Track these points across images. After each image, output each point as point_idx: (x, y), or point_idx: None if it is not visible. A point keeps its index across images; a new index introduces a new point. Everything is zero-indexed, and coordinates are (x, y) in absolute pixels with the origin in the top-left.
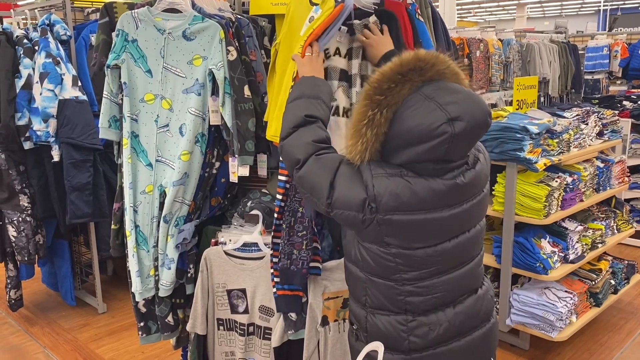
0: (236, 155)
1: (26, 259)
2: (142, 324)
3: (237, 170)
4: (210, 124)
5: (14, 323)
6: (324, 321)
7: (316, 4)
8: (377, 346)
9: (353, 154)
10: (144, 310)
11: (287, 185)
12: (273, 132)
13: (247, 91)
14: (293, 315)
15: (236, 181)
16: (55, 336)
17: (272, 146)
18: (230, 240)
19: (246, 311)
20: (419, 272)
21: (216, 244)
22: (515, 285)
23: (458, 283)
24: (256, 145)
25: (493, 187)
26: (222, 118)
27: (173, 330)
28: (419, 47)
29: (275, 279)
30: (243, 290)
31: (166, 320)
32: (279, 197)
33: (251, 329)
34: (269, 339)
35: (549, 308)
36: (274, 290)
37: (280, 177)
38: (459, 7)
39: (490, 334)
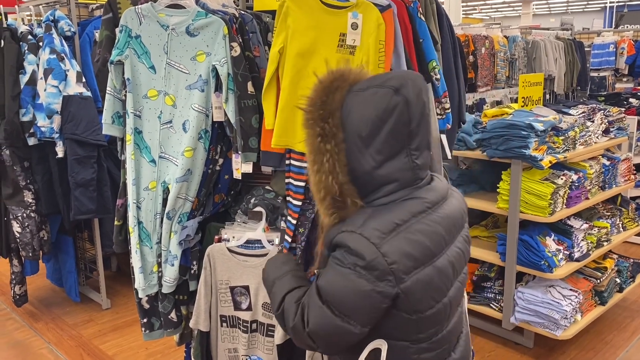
0: (239, 152)
1: (30, 254)
2: (145, 320)
3: (241, 167)
4: (214, 120)
5: (19, 319)
6: None
7: (339, 7)
8: (380, 344)
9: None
10: (147, 306)
11: (305, 190)
12: (276, 141)
13: (250, 87)
14: None
15: (240, 178)
16: (60, 332)
17: None
18: (233, 237)
19: (249, 308)
20: (430, 330)
21: (219, 240)
22: (520, 283)
23: (455, 327)
24: (260, 141)
25: (498, 185)
26: (226, 114)
27: (176, 327)
28: (420, 47)
29: None
30: (246, 287)
31: (169, 316)
32: (297, 202)
33: (254, 325)
34: (272, 336)
35: (554, 306)
36: None
37: (296, 183)
38: (464, 4)
39: None
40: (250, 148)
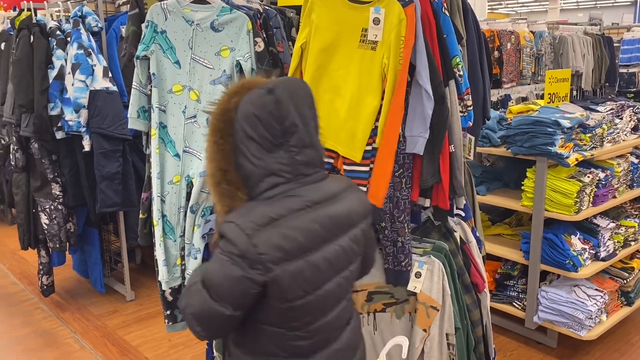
0: None
1: (57, 246)
2: (168, 312)
3: None
4: None
5: (46, 308)
6: None
7: (362, 1)
8: (402, 341)
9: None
10: (170, 298)
11: None
12: None
13: None
14: None
15: None
16: (85, 322)
17: None
18: None
19: None
20: (304, 319)
21: None
22: (544, 282)
23: (338, 319)
24: None
25: (522, 182)
26: None
27: None
28: (444, 42)
29: None
30: None
31: None
32: None
33: None
34: None
35: (579, 306)
36: None
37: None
38: None
39: (363, 358)
40: None
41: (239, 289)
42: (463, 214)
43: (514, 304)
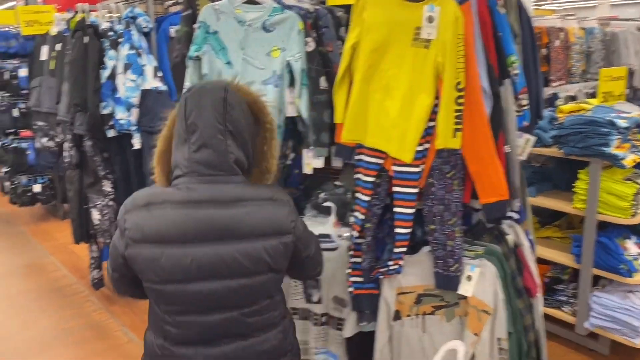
0: (311, 147)
1: (108, 241)
2: None
3: (312, 161)
4: (287, 115)
5: (96, 301)
6: (397, 315)
7: (414, 0)
8: (457, 345)
9: None
10: None
11: (373, 186)
12: (346, 136)
13: (323, 83)
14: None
15: (311, 172)
16: (133, 316)
17: None
18: None
19: (320, 301)
20: (172, 307)
21: None
22: (596, 287)
23: (218, 327)
24: (331, 136)
25: (574, 184)
26: (298, 110)
27: None
28: (499, 40)
29: (354, 279)
30: (317, 280)
31: None
32: (365, 197)
33: (324, 319)
34: (341, 329)
35: (633, 313)
36: (351, 289)
37: (364, 178)
38: None
39: None
40: (322, 143)
41: (113, 252)
42: (517, 216)
43: (564, 308)
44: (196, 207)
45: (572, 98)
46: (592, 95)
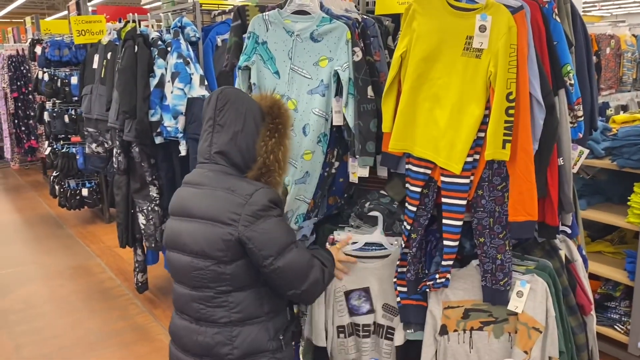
0: (357, 156)
1: (153, 245)
2: None
3: (357, 170)
4: (333, 124)
5: (140, 304)
6: (443, 330)
7: (467, 9)
8: None
9: None
10: None
11: (420, 196)
12: (394, 145)
13: (370, 92)
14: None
15: (356, 181)
16: None
17: None
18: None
19: (371, 311)
20: (172, 271)
21: (332, 242)
22: None
23: (185, 299)
24: (377, 146)
25: (628, 197)
26: (345, 118)
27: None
28: (553, 50)
29: (400, 288)
30: (366, 290)
31: None
32: (412, 207)
33: (373, 328)
34: (391, 339)
35: None
36: (398, 299)
37: (412, 188)
38: (584, 1)
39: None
40: (368, 152)
41: None
42: (569, 231)
43: (616, 327)
44: (188, 187)
45: (624, 107)
46: None
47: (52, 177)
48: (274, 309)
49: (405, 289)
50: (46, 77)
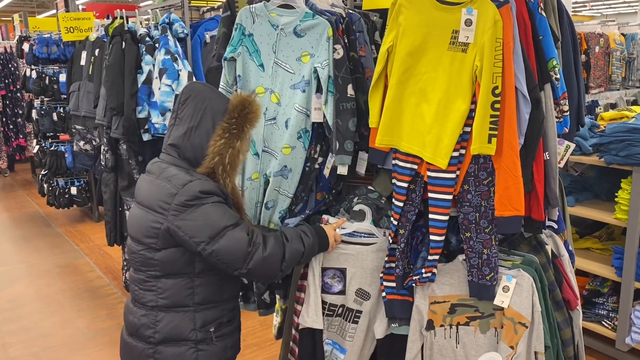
0: (334, 154)
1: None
2: (241, 293)
3: (338, 168)
4: (312, 121)
5: None
6: (430, 325)
7: (456, 3)
8: (495, 357)
9: None
10: (246, 281)
11: (407, 191)
12: (380, 140)
13: (350, 90)
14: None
15: (344, 173)
16: None
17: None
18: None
19: (341, 292)
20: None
21: (326, 222)
22: (638, 301)
23: (131, 280)
24: (357, 143)
25: (615, 194)
26: (324, 116)
27: (268, 308)
28: (539, 44)
29: (387, 283)
30: (342, 271)
31: (262, 297)
32: (399, 203)
33: (340, 310)
34: (357, 322)
35: None
36: (384, 294)
37: (398, 183)
38: (574, 0)
39: (139, 355)
40: (346, 151)
41: None
42: (555, 226)
43: (604, 323)
44: (146, 175)
45: (613, 105)
46: (634, 103)
47: (40, 176)
48: (207, 301)
49: (393, 284)
50: (34, 75)
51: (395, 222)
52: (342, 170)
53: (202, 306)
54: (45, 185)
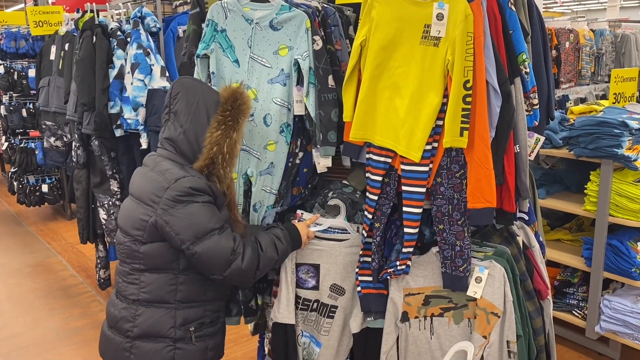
0: (318, 146)
1: (115, 240)
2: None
3: (320, 160)
4: (295, 114)
5: (102, 301)
6: (404, 317)
7: None
8: (467, 346)
9: None
10: (227, 292)
11: (381, 185)
12: (354, 134)
13: (331, 81)
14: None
15: (325, 170)
16: None
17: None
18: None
19: (315, 287)
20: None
21: (299, 219)
22: (607, 290)
23: (117, 271)
24: (339, 135)
25: (585, 186)
26: (306, 108)
27: (254, 315)
28: (509, 38)
29: (362, 278)
30: (316, 266)
31: (250, 304)
32: (373, 196)
33: (315, 305)
34: (332, 317)
35: None
36: (359, 288)
37: (373, 177)
38: None
39: (116, 348)
40: (329, 142)
41: None
42: (526, 218)
43: (574, 312)
44: (142, 167)
45: (582, 100)
46: (603, 97)
47: (10, 173)
48: (190, 299)
49: (369, 279)
50: (2, 70)
51: (369, 216)
52: (326, 162)
53: (184, 304)
54: (15, 183)
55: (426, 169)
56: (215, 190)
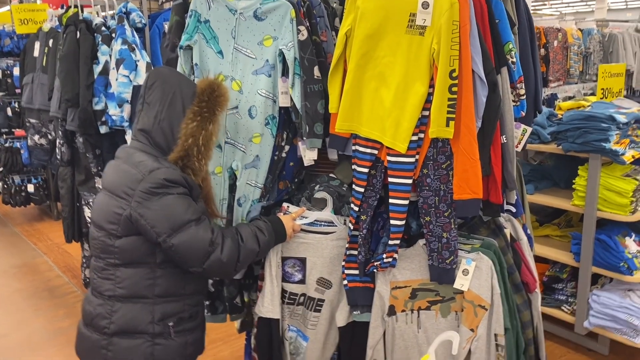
0: (305, 138)
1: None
2: (208, 302)
3: (306, 153)
4: (280, 105)
5: None
6: (391, 311)
7: None
8: (452, 336)
9: None
10: (212, 290)
11: (368, 177)
12: (340, 126)
13: (317, 72)
14: None
15: (312, 163)
16: None
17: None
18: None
19: (302, 281)
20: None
21: (285, 212)
22: (595, 285)
23: (92, 267)
24: (326, 127)
25: (573, 181)
26: (292, 100)
27: (240, 312)
28: (495, 28)
29: (349, 271)
30: (302, 260)
31: (234, 301)
32: (359, 189)
33: (302, 299)
34: (319, 311)
35: (633, 312)
36: (345, 282)
37: (359, 169)
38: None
39: (92, 346)
40: (316, 134)
41: None
42: (514, 210)
43: (563, 308)
44: (115, 160)
45: (571, 99)
46: (591, 96)
47: None
48: (168, 293)
49: (355, 272)
50: None
51: (355, 208)
52: (312, 154)
53: (163, 299)
54: (0, 183)
55: (412, 160)
56: (191, 182)
